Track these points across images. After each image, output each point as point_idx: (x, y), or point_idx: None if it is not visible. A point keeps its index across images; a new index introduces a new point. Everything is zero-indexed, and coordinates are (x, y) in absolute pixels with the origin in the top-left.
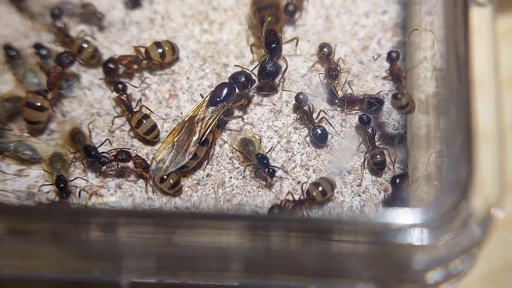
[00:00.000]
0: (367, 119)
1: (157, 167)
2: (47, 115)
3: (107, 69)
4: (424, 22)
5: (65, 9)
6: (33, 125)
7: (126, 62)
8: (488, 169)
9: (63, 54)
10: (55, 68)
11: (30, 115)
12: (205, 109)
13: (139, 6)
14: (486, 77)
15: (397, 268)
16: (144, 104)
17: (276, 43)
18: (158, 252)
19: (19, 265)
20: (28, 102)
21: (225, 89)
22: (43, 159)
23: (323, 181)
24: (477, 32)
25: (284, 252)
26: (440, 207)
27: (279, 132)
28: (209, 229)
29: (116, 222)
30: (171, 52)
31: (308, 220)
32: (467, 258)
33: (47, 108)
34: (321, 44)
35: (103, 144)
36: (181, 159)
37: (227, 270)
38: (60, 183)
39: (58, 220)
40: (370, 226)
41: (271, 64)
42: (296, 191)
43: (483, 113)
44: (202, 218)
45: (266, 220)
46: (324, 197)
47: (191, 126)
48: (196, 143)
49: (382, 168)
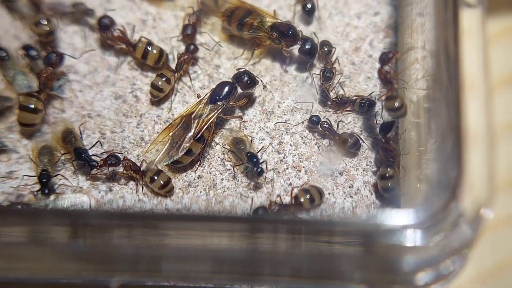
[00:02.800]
0: (317, 118)
1: (149, 158)
2: (41, 116)
3: (102, 26)
4: (415, 24)
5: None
6: (27, 128)
7: (118, 37)
8: (478, 170)
9: (52, 53)
10: (46, 69)
11: (24, 118)
12: (204, 106)
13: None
14: (477, 78)
15: (388, 269)
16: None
17: (291, 29)
18: (149, 254)
19: (8, 268)
20: (22, 105)
21: (226, 88)
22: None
23: (313, 189)
24: (468, 33)
25: (275, 254)
26: (431, 208)
27: (271, 134)
28: (200, 231)
29: (107, 224)
30: (155, 57)
31: (300, 222)
32: (458, 258)
33: (41, 109)
34: (321, 41)
35: (94, 146)
36: (174, 153)
37: (218, 272)
38: (43, 177)
39: (47, 222)
40: (361, 227)
41: (309, 41)
42: (288, 193)
43: (474, 114)
44: (193, 220)
45: (257, 221)
46: (312, 205)
47: (188, 122)
48: (191, 139)
49: (358, 147)
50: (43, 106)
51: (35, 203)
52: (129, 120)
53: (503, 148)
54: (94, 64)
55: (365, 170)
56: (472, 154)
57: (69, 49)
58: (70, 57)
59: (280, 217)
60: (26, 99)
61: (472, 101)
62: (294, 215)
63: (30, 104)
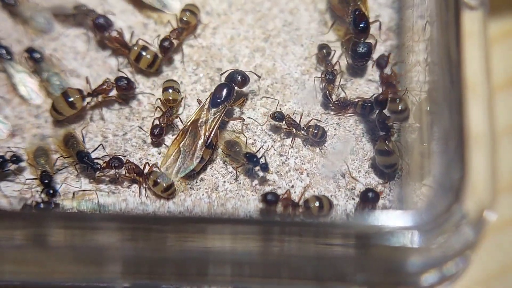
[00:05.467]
0: (280, 114)
1: (166, 174)
2: (72, 113)
3: (97, 25)
4: (416, 26)
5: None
6: (55, 112)
7: (115, 38)
8: (481, 172)
9: (122, 79)
10: (110, 83)
11: (58, 104)
12: (207, 111)
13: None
14: (479, 80)
15: (391, 271)
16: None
17: (364, 23)
18: (152, 257)
19: (11, 271)
20: (65, 92)
21: (224, 90)
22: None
23: (325, 199)
24: (469, 35)
25: (277, 256)
26: (433, 210)
27: (272, 136)
28: (202, 233)
29: (109, 226)
30: (148, 61)
31: (302, 224)
32: (461, 260)
33: (77, 108)
34: (320, 45)
35: (96, 149)
36: (189, 164)
37: (220, 274)
38: (45, 178)
39: (50, 225)
40: (364, 229)
41: (362, 45)
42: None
43: (476, 116)
44: (195, 222)
45: (259, 223)
46: (319, 213)
47: (195, 130)
48: (203, 146)
49: (326, 135)
50: (81, 107)
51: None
52: (131, 123)
53: (505, 150)
54: (96, 67)
55: (367, 172)
56: (475, 156)
57: (71, 53)
58: (72, 61)
59: (282, 219)
60: (72, 91)
61: (474, 103)
62: (298, 216)
63: (71, 97)
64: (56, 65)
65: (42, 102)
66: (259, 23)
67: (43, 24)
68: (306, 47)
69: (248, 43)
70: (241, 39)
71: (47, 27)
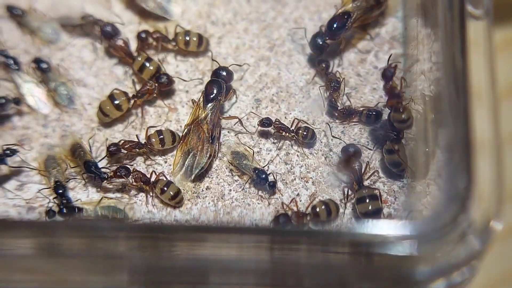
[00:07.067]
0: (268, 120)
1: (182, 176)
2: (118, 114)
3: (104, 33)
4: (421, 35)
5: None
6: (102, 115)
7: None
8: (487, 181)
9: (162, 76)
10: (153, 84)
11: (105, 106)
12: (203, 109)
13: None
14: (484, 89)
15: (397, 280)
16: (143, 117)
17: (339, 25)
18: (159, 265)
19: (21, 280)
20: (111, 95)
21: (214, 85)
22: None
23: (331, 202)
24: (474, 44)
25: (283, 265)
26: (439, 219)
27: (277, 144)
28: (209, 242)
29: (117, 235)
30: (151, 73)
31: (308, 232)
32: (467, 270)
33: (123, 110)
34: (318, 60)
35: (103, 159)
36: (201, 159)
37: (227, 283)
38: (58, 188)
39: (59, 234)
40: (370, 238)
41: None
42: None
43: (481, 124)
44: (202, 231)
45: (265, 232)
46: (328, 217)
47: (197, 128)
48: (209, 140)
49: (315, 137)
50: (126, 109)
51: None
52: (138, 132)
53: (510, 158)
54: (102, 77)
55: (373, 180)
56: (480, 165)
57: (78, 63)
58: (79, 70)
59: (288, 228)
60: (119, 93)
61: (480, 111)
62: (306, 225)
63: (118, 99)
64: (63, 75)
65: (50, 112)
66: (264, 32)
67: (51, 35)
68: (311, 57)
69: (253, 52)
70: (246, 49)
71: (55, 37)
